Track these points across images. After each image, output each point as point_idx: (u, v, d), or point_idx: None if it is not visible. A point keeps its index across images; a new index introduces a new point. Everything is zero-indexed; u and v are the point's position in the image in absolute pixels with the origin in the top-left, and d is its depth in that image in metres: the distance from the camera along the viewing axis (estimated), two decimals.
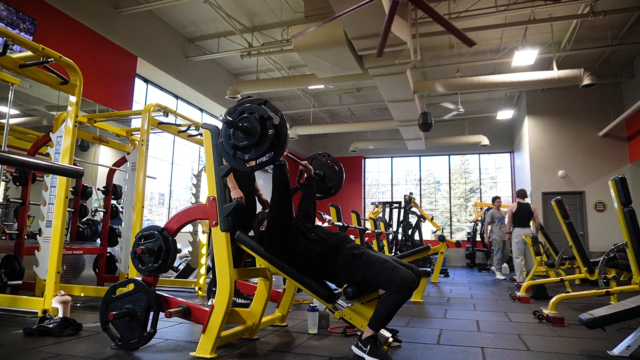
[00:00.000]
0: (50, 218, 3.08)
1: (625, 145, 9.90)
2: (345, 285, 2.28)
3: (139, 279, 2.26)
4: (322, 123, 12.44)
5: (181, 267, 5.84)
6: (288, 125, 2.08)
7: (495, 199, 8.06)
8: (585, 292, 3.39)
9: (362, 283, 2.20)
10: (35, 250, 3.12)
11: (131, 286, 2.24)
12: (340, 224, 5.09)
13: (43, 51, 2.79)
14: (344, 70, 7.11)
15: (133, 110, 6.61)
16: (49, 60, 2.80)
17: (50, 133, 3.23)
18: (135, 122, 5.78)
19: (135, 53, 7.00)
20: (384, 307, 2.08)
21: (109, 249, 4.65)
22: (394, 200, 12.03)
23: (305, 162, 2.86)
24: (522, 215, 6.63)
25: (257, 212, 2.84)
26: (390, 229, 9.37)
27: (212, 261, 2.55)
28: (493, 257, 8.12)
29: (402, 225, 9.27)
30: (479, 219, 11.19)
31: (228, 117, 2.00)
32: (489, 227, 7.90)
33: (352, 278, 2.20)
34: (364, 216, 11.15)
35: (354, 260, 2.19)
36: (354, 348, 2.14)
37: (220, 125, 2.12)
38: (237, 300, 3.24)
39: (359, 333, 2.52)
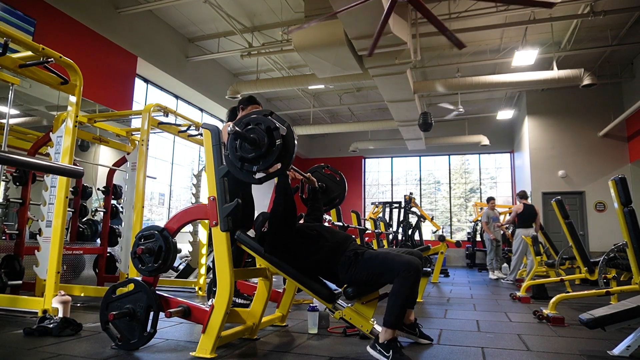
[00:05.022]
0: (50, 218, 3.08)
1: (625, 145, 9.90)
2: (345, 285, 2.28)
3: (139, 279, 2.26)
4: (322, 123, 12.44)
5: (181, 267, 5.84)
6: (295, 136, 2.06)
7: (490, 200, 8.12)
8: (585, 292, 3.39)
9: (366, 281, 2.16)
10: (35, 250, 3.12)
11: (131, 286, 2.24)
12: (340, 224, 5.09)
13: (43, 51, 2.79)
14: (344, 70, 7.11)
15: (133, 110, 6.61)
16: (49, 60, 2.80)
17: (50, 133, 3.23)
18: (135, 122, 5.78)
19: (135, 53, 7.00)
20: (396, 297, 2.00)
21: (109, 249, 4.65)
22: (394, 200, 12.03)
23: (309, 174, 2.85)
24: (528, 216, 6.66)
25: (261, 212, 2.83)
26: (390, 229, 9.36)
27: (212, 261, 2.55)
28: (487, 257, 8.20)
29: (402, 225, 9.27)
30: (479, 219, 11.21)
31: (236, 128, 1.98)
32: (488, 225, 7.96)
33: (356, 277, 2.15)
34: (364, 216, 11.14)
35: (357, 259, 2.16)
36: (370, 350, 2.03)
37: (220, 125, 2.11)
38: (237, 300, 3.24)
39: (359, 333, 2.52)
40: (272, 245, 2.31)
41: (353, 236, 2.49)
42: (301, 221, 2.73)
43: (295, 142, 2.05)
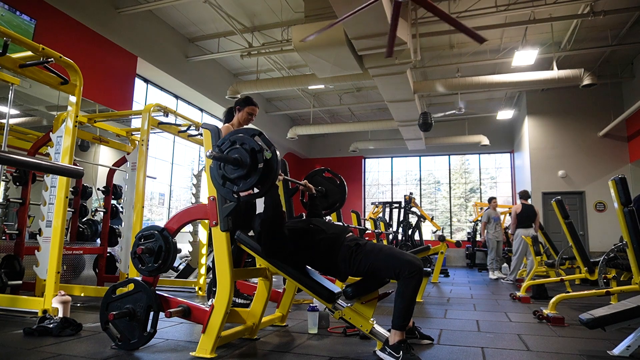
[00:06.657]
0: (50, 218, 3.08)
1: (625, 145, 9.90)
2: (345, 286, 2.28)
3: (139, 279, 2.27)
4: (322, 123, 12.44)
5: (181, 267, 5.84)
6: (279, 159, 2.05)
7: (492, 200, 8.12)
8: (585, 292, 3.39)
9: (366, 272, 2.17)
10: (35, 250, 3.12)
11: (131, 286, 2.24)
12: (340, 224, 5.09)
13: (43, 51, 2.79)
14: (344, 70, 7.11)
15: (133, 110, 6.60)
16: (49, 60, 2.80)
17: (50, 133, 3.23)
18: (135, 122, 5.78)
19: (135, 53, 7.00)
20: (402, 299, 2.02)
21: (109, 249, 4.65)
22: (394, 200, 12.03)
23: (305, 181, 2.84)
24: (526, 217, 6.66)
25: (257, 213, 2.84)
26: (390, 229, 9.36)
27: (212, 261, 2.55)
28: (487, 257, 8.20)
29: (402, 225, 9.27)
30: (479, 219, 11.21)
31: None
32: (486, 226, 7.96)
33: (357, 268, 2.15)
34: (364, 216, 11.14)
35: (359, 249, 2.16)
36: (380, 353, 2.04)
37: (220, 125, 2.11)
38: (237, 300, 3.24)
39: (359, 333, 2.53)
40: (268, 251, 2.32)
41: (349, 228, 2.49)
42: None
43: (279, 165, 2.05)
